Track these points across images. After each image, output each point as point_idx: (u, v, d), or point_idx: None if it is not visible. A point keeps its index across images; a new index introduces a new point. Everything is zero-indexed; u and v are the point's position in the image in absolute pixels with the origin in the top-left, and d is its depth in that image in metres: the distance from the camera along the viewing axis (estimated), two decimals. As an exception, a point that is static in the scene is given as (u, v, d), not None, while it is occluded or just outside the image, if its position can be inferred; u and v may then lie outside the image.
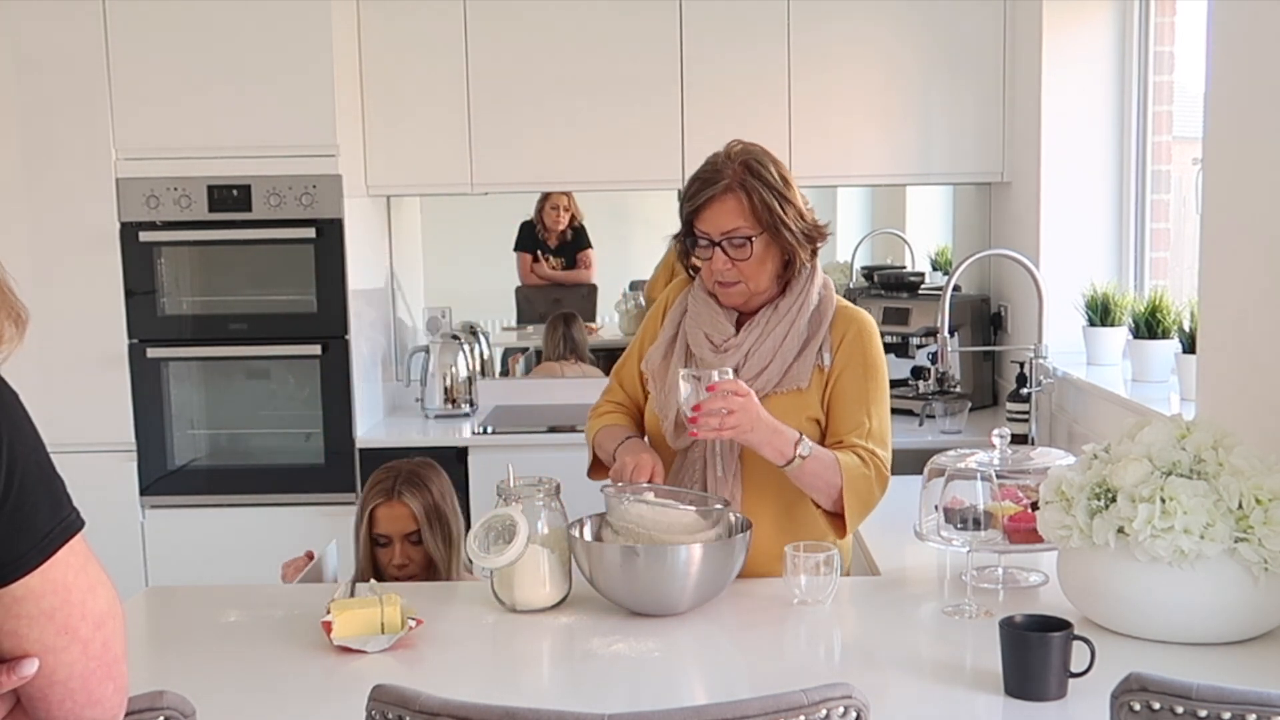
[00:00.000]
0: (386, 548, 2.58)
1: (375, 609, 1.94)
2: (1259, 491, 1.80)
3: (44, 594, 1.04)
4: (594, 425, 2.40)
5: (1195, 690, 1.33)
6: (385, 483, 2.61)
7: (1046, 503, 1.97)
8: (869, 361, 2.24)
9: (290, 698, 1.78)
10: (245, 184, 3.77)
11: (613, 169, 4.03)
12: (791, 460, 2.12)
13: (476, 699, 1.34)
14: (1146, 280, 3.55)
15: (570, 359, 4.65)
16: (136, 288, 3.82)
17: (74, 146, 3.75)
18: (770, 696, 1.30)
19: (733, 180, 2.18)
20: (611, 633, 1.97)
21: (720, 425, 2.06)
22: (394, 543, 2.57)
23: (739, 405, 2.06)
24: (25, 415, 1.05)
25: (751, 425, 2.08)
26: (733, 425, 2.06)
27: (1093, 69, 3.59)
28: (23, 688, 1.07)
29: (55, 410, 3.66)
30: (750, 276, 2.22)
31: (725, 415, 2.06)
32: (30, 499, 1.03)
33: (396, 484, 2.60)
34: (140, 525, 3.87)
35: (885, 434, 2.25)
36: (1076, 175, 3.63)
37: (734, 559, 2.06)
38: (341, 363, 3.83)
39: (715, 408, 2.06)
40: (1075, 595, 1.97)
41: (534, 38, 3.96)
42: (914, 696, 1.74)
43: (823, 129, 3.96)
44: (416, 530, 2.57)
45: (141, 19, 3.71)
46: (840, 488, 2.16)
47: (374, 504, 2.59)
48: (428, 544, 2.57)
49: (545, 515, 2.12)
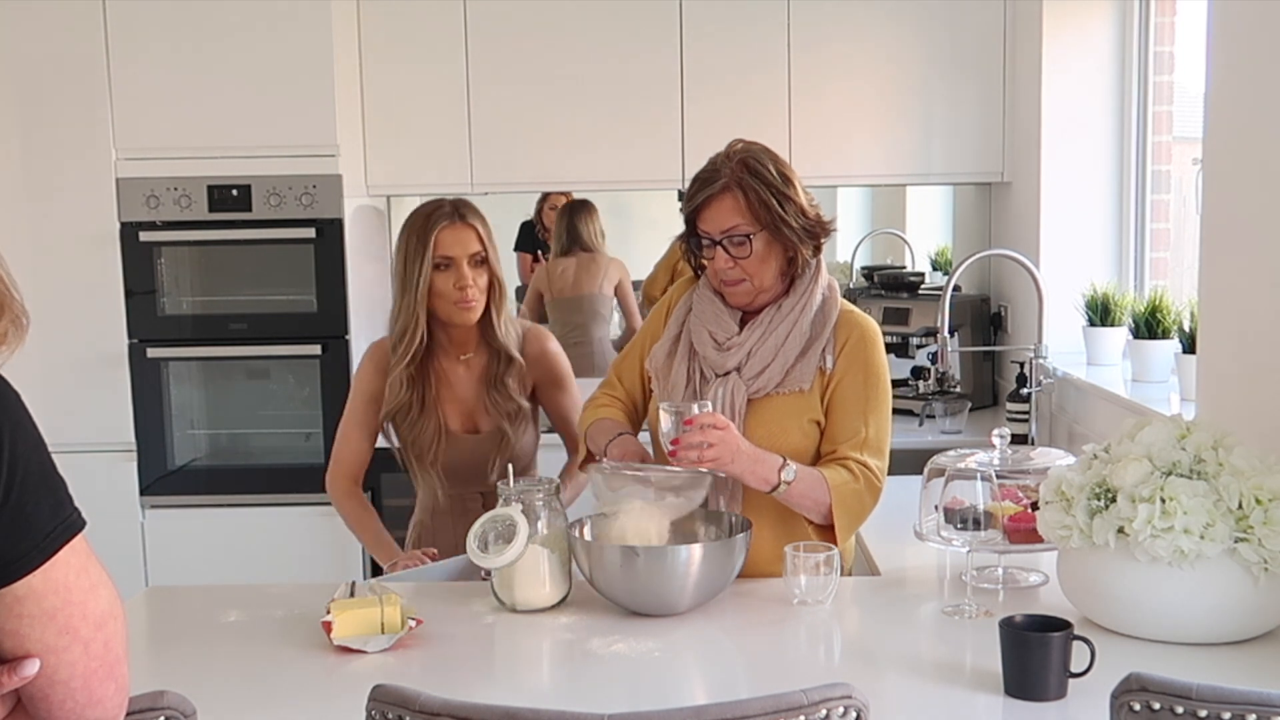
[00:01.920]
0: (447, 272, 2.52)
1: (375, 609, 1.94)
2: (1259, 491, 1.80)
3: (45, 594, 1.05)
4: (588, 417, 2.40)
5: (1195, 690, 1.33)
6: (443, 209, 2.54)
7: (1046, 503, 1.97)
8: (870, 368, 2.24)
9: (290, 698, 1.78)
10: (245, 184, 3.77)
11: (613, 169, 4.03)
12: (776, 486, 2.13)
13: (476, 699, 1.34)
14: (1146, 280, 3.55)
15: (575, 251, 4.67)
16: (136, 288, 3.82)
17: (74, 146, 3.75)
18: (770, 696, 1.30)
19: (730, 179, 2.19)
20: (611, 633, 1.97)
21: (699, 458, 2.07)
22: (457, 265, 2.52)
23: (717, 438, 2.07)
24: (27, 415, 1.06)
25: (731, 457, 2.08)
26: (712, 458, 2.07)
27: (1093, 69, 3.59)
28: (24, 688, 1.07)
29: (55, 410, 3.66)
30: (753, 274, 2.22)
31: (704, 449, 2.06)
32: (32, 499, 1.03)
33: (457, 208, 2.55)
34: (140, 525, 3.87)
35: (882, 443, 2.25)
36: (1076, 175, 3.63)
37: (734, 559, 2.06)
38: (341, 363, 3.83)
39: (694, 442, 2.07)
40: (1075, 595, 1.97)
41: (534, 38, 3.96)
42: (914, 696, 1.74)
43: (823, 129, 3.96)
44: (482, 251, 2.54)
45: (141, 19, 3.71)
46: (830, 505, 2.16)
47: (439, 226, 2.52)
48: (493, 265, 2.55)
49: (545, 515, 2.12)
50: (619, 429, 2.32)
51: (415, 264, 2.52)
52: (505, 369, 2.60)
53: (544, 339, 2.68)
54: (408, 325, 2.55)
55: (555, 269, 4.74)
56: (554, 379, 2.67)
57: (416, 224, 2.55)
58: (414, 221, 2.57)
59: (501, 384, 2.59)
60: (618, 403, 2.41)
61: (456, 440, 2.61)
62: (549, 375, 2.66)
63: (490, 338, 2.60)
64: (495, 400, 2.60)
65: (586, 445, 2.37)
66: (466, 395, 2.63)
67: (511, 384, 2.60)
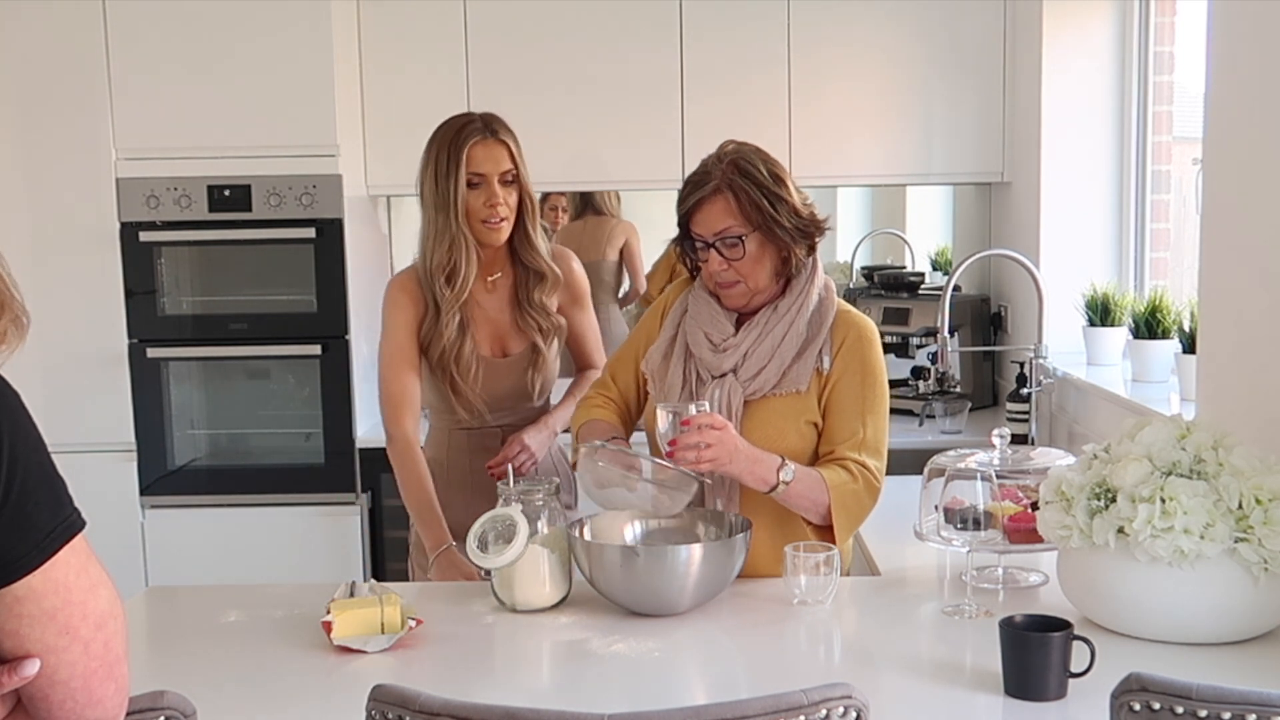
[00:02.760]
0: (478, 189, 2.46)
1: (375, 609, 1.94)
2: (1259, 491, 1.80)
3: (45, 594, 1.05)
4: (581, 415, 2.40)
5: (1195, 690, 1.33)
6: (474, 124, 2.48)
7: (1046, 503, 1.97)
8: (868, 368, 2.24)
9: (290, 698, 1.78)
10: (245, 184, 3.77)
11: (613, 169, 4.03)
12: (775, 487, 2.13)
13: (476, 699, 1.34)
14: (1146, 280, 3.55)
15: (586, 214, 4.65)
16: (136, 288, 3.82)
17: (74, 146, 3.75)
18: (770, 696, 1.30)
19: (721, 181, 2.19)
20: (611, 633, 1.97)
21: (697, 459, 2.07)
22: (488, 183, 2.47)
23: (715, 439, 2.07)
24: (26, 415, 1.06)
25: (730, 458, 2.08)
26: (710, 459, 2.07)
27: (1093, 69, 3.59)
28: (24, 688, 1.07)
29: (55, 410, 3.67)
30: (747, 275, 2.22)
31: (702, 449, 2.06)
32: (31, 499, 1.03)
33: (488, 124, 2.49)
34: (140, 525, 3.87)
35: (880, 443, 2.25)
36: (1076, 175, 3.63)
37: (734, 559, 2.06)
38: (341, 363, 3.83)
39: (691, 442, 2.06)
40: (1075, 595, 1.97)
41: (534, 37, 3.96)
42: (914, 696, 1.74)
43: (823, 129, 3.96)
44: (514, 169, 2.49)
45: (141, 19, 3.71)
46: (828, 505, 2.16)
47: (471, 141, 2.45)
48: (524, 182, 2.50)
49: (545, 515, 2.12)
50: (612, 432, 2.31)
51: (449, 181, 2.45)
52: (537, 284, 2.56)
53: (570, 258, 2.67)
54: (456, 247, 2.47)
55: (566, 234, 4.65)
56: (577, 298, 2.68)
57: (446, 139, 2.47)
58: (443, 136, 2.49)
59: (535, 300, 2.56)
60: (611, 404, 2.41)
61: (490, 365, 2.56)
62: (574, 295, 2.67)
63: (524, 255, 2.55)
64: (529, 317, 2.56)
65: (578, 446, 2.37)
66: (498, 318, 2.58)
67: (545, 300, 2.58)
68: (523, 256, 2.56)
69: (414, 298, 2.54)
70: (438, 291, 2.49)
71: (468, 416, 2.57)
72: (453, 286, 2.48)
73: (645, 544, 2.14)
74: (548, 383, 2.63)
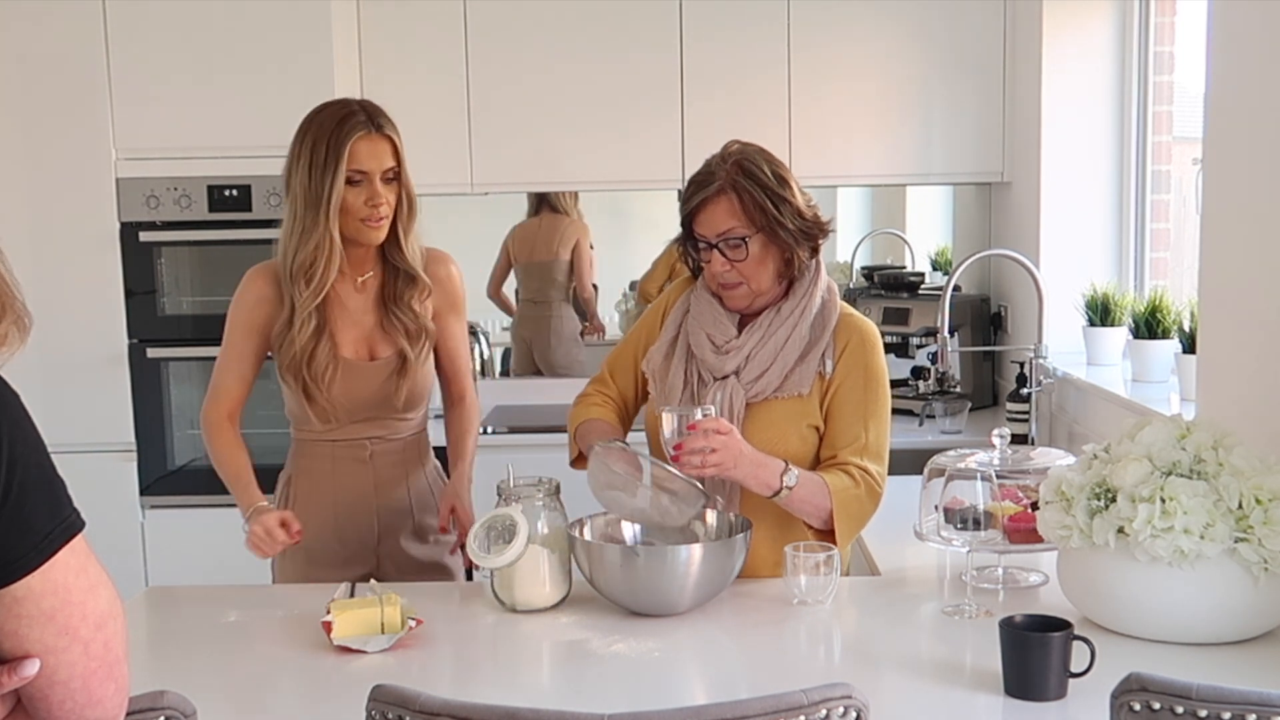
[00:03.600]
0: (358, 187, 2.31)
1: (375, 609, 1.94)
2: (1259, 491, 1.80)
3: (44, 595, 1.04)
4: (578, 414, 2.39)
5: (1195, 690, 1.33)
6: (357, 116, 2.32)
7: (1046, 503, 1.97)
8: (870, 372, 2.24)
9: (290, 698, 1.79)
10: (245, 184, 3.77)
11: (613, 169, 4.03)
12: (778, 491, 2.13)
13: (476, 699, 1.34)
14: (1146, 280, 3.55)
15: (542, 210, 4.56)
16: (136, 288, 3.82)
17: (74, 146, 3.75)
18: (770, 696, 1.30)
19: (725, 182, 2.18)
20: (611, 633, 1.97)
21: (702, 464, 2.06)
22: (370, 181, 2.32)
23: (720, 443, 2.06)
24: (26, 416, 1.05)
25: (734, 462, 2.08)
26: (715, 463, 2.06)
27: (1093, 69, 3.59)
28: (24, 688, 1.07)
29: (55, 410, 3.67)
30: (750, 277, 2.22)
31: (707, 454, 2.06)
32: (31, 499, 1.03)
33: (372, 116, 2.34)
34: (140, 525, 3.87)
35: (882, 448, 2.24)
36: (1076, 175, 3.63)
37: (734, 559, 2.06)
38: (341, 363, 3.83)
39: (697, 447, 2.06)
40: (1075, 595, 1.97)
41: (534, 38, 3.96)
42: (914, 696, 1.74)
43: (823, 129, 3.96)
44: (396, 166, 2.35)
45: (141, 19, 3.71)
46: (830, 510, 2.16)
47: (355, 136, 2.30)
48: (405, 180, 2.36)
49: (545, 515, 2.12)
50: (612, 432, 2.31)
51: (325, 177, 2.29)
52: (406, 286, 2.42)
53: (447, 261, 2.53)
54: (320, 248, 2.32)
55: (521, 231, 4.57)
56: (452, 303, 2.52)
57: (326, 131, 2.32)
58: (321, 127, 2.33)
59: (403, 301, 2.42)
60: (610, 402, 2.40)
61: (352, 368, 2.41)
62: (448, 299, 2.52)
63: (394, 257, 2.41)
64: (397, 319, 2.41)
65: (577, 444, 2.36)
66: (363, 320, 2.44)
67: (414, 302, 2.43)
68: (392, 258, 2.42)
69: (265, 295, 2.41)
70: (296, 294, 2.35)
71: (322, 426, 2.45)
72: (317, 295, 2.35)
73: (645, 544, 2.14)
74: (415, 394, 2.46)
